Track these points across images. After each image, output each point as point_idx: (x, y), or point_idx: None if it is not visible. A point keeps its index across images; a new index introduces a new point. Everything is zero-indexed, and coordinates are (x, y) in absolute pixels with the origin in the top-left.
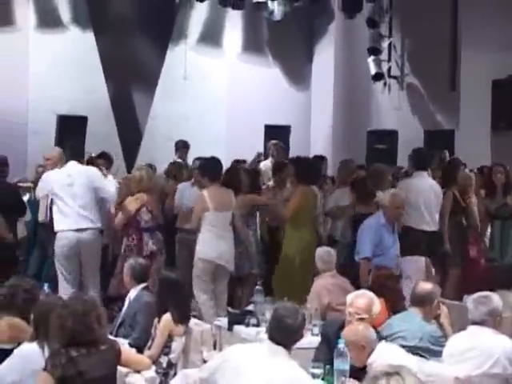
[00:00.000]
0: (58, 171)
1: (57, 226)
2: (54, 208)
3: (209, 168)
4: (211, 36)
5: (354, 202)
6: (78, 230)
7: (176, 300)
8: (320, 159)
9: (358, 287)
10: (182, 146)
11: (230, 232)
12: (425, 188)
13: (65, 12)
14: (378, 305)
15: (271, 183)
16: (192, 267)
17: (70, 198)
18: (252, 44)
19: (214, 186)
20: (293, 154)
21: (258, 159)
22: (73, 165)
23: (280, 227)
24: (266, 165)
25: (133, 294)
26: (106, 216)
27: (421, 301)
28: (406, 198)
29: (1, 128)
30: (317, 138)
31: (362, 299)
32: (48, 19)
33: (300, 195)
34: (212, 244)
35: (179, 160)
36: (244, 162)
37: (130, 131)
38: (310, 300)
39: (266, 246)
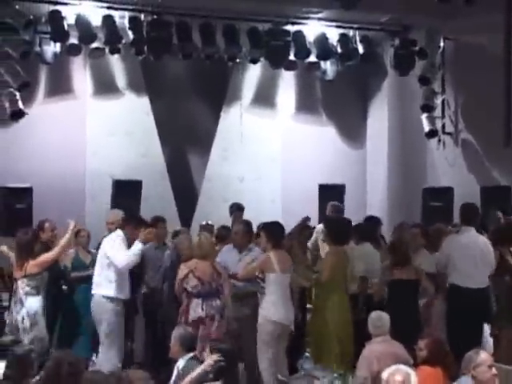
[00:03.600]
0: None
1: None
2: None
3: (274, 232)
4: (265, 97)
5: (391, 265)
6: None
7: (228, 372)
8: (375, 221)
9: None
10: (237, 209)
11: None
12: (470, 244)
13: (120, 78)
14: (414, 379)
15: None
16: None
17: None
18: (306, 104)
19: (277, 249)
20: (348, 212)
21: (303, 224)
22: (113, 233)
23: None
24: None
25: (181, 363)
26: None
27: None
28: (450, 255)
29: (59, 193)
30: (372, 196)
31: (398, 376)
32: (104, 85)
33: (332, 256)
34: (279, 305)
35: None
36: None
37: (186, 193)
38: (359, 367)
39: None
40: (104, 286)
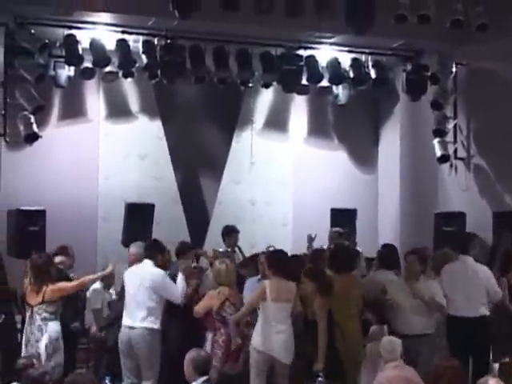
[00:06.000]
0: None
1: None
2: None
3: (274, 260)
4: (277, 121)
5: None
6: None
7: None
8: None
9: None
10: (232, 231)
11: (287, 324)
12: (462, 273)
13: (134, 102)
14: None
15: None
16: None
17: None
18: (318, 128)
19: (276, 277)
20: (359, 236)
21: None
22: (145, 264)
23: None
24: None
25: None
26: None
27: None
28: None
29: (72, 216)
30: (384, 220)
31: None
32: (117, 109)
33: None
34: (260, 332)
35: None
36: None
37: (198, 217)
38: None
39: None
40: (149, 319)
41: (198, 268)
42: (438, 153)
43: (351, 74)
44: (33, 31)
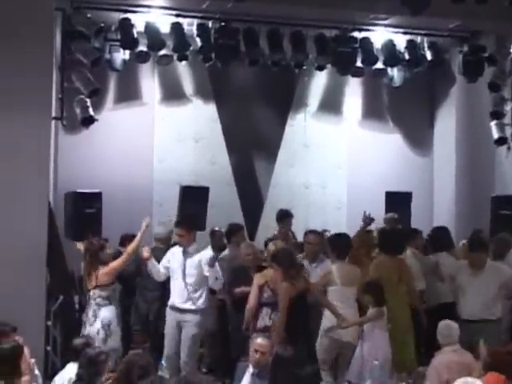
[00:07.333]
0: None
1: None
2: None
3: (338, 243)
4: (331, 104)
5: None
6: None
7: (286, 379)
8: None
9: None
10: (286, 215)
11: (354, 308)
12: None
13: (188, 85)
14: None
15: None
16: None
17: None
18: (372, 110)
19: (341, 261)
20: (415, 220)
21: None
22: (194, 246)
23: None
24: None
25: None
26: None
27: None
28: None
29: (127, 199)
30: (439, 204)
31: None
32: (172, 92)
33: (379, 264)
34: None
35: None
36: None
37: (252, 200)
38: (428, 376)
39: None
40: (203, 299)
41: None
42: (495, 135)
43: (406, 56)
44: (89, 15)
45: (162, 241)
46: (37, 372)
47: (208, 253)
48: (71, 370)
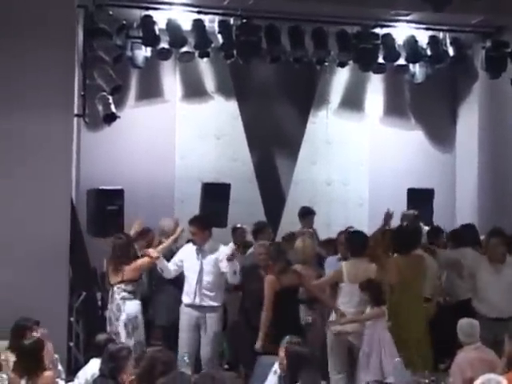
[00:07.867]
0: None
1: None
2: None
3: (353, 241)
4: (353, 100)
5: None
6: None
7: (305, 377)
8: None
9: None
10: (308, 213)
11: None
12: None
13: (209, 82)
14: None
15: None
16: None
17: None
18: (394, 107)
19: (354, 258)
20: (437, 217)
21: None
22: (210, 244)
23: None
24: None
25: None
26: None
27: None
28: None
29: (149, 196)
30: (462, 200)
31: None
32: (193, 89)
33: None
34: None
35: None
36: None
37: (274, 197)
38: (452, 374)
39: None
40: (221, 296)
41: None
42: None
43: (428, 52)
44: (111, 13)
45: (167, 235)
46: (60, 367)
47: (227, 248)
48: (94, 365)
